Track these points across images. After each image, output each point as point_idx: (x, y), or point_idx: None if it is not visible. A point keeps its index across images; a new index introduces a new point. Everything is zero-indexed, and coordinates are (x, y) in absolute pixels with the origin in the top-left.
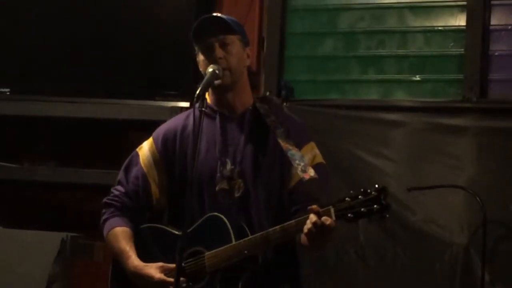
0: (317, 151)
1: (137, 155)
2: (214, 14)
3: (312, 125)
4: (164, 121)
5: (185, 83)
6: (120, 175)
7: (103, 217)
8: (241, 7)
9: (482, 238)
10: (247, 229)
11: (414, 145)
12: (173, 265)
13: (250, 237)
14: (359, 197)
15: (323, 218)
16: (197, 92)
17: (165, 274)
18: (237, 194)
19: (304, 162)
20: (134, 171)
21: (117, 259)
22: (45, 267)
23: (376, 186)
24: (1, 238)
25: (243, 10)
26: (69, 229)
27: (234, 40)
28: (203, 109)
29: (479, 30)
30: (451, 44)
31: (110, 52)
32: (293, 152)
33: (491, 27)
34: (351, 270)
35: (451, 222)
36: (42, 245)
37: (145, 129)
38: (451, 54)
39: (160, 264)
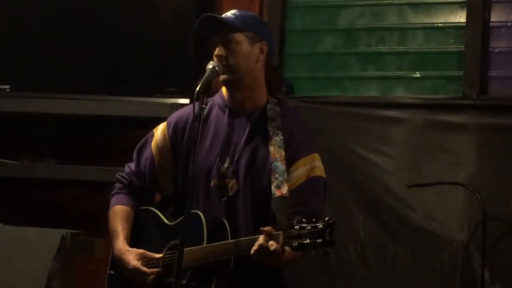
0: (317, 163)
1: (152, 135)
2: (215, 15)
3: (312, 122)
4: (164, 118)
5: (185, 79)
6: (134, 153)
7: (112, 192)
8: (241, 4)
9: (482, 235)
10: (228, 230)
11: (414, 142)
12: (153, 255)
13: (217, 243)
14: (307, 227)
15: (270, 242)
16: (197, 89)
17: (143, 262)
18: (230, 193)
19: (284, 177)
20: (145, 152)
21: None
22: (45, 264)
23: (326, 219)
24: (1, 235)
25: (243, 7)
26: (69, 226)
27: (239, 38)
28: (203, 106)
29: (479, 27)
30: (451, 41)
31: (110, 49)
32: (277, 164)
33: (491, 24)
34: (351, 268)
35: (451, 219)
36: (42, 242)
37: (145, 126)
38: (451, 51)
39: (141, 251)
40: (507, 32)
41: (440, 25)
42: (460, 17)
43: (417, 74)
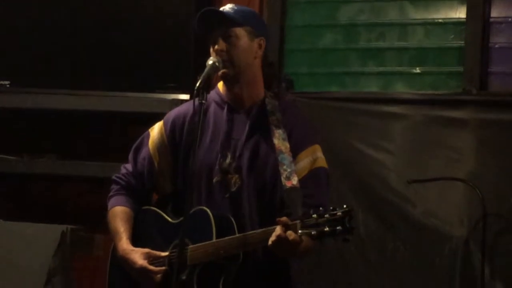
0: (319, 154)
1: (148, 135)
2: (215, 8)
3: (312, 118)
4: (164, 114)
5: (185, 75)
6: (130, 153)
7: (109, 194)
8: (240, 0)
9: (482, 231)
10: (235, 225)
11: (414, 138)
12: (159, 253)
13: (228, 237)
14: (325, 215)
15: (288, 232)
16: (197, 85)
17: (149, 261)
18: (232, 189)
19: (292, 168)
20: (142, 152)
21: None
22: (45, 260)
23: (344, 206)
24: (1, 231)
25: (243, 2)
26: (69, 222)
27: (239, 32)
28: (203, 101)
29: (479, 22)
30: (451, 37)
31: (110, 45)
32: (284, 156)
33: (491, 20)
34: (351, 264)
35: (451, 215)
36: (42, 238)
37: (145, 121)
38: (451, 46)
39: (146, 250)
40: (507, 28)
41: (440, 20)
42: (460, 13)
43: (417, 70)
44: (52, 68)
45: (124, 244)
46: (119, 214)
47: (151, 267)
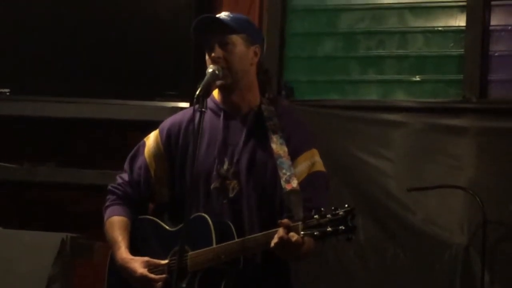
0: (317, 158)
1: (144, 144)
2: (213, 15)
3: (311, 126)
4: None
5: (185, 83)
6: (126, 163)
7: (105, 204)
8: (241, 7)
9: (482, 238)
10: (234, 230)
11: (414, 146)
12: (159, 261)
13: (228, 242)
14: (327, 216)
15: (290, 234)
16: (197, 92)
17: (149, 270)
18: (231, 195)
19: (291, 172)
20: (138, 161)
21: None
22: (45, 268)
23: (346, 205)
24: (1, 238)
25: (243, 10)
26: (69, 229)
27: (235, 40)
28: (203, 109)
29: (479, 30)
30: (451, 45)
31: (110, 53)
32: (282, 160)
33: (491, 28)
34: (350, 270)
35: (451, 222)
36: (42, 246)
37: (145, 129)
38: (451, 54)
39: (146, 259)
40: (507, 36)
41: (440, 28)
42: (460, 21)
43: (417, 78)
44: (52, 76)
45: (123, 253)
46: (116, 224)
47: (152, 275)
